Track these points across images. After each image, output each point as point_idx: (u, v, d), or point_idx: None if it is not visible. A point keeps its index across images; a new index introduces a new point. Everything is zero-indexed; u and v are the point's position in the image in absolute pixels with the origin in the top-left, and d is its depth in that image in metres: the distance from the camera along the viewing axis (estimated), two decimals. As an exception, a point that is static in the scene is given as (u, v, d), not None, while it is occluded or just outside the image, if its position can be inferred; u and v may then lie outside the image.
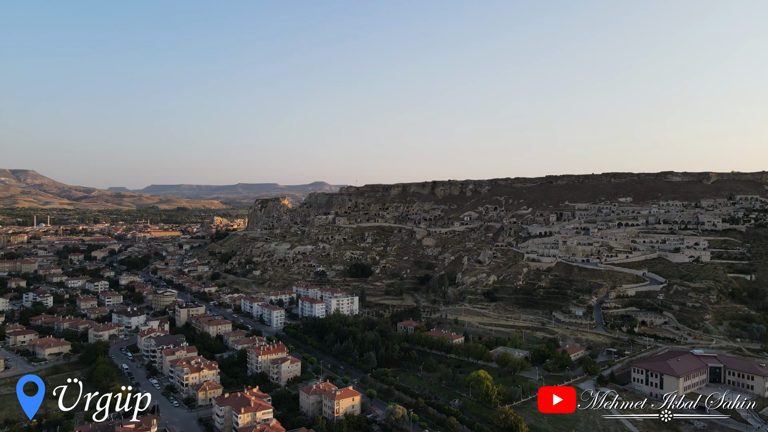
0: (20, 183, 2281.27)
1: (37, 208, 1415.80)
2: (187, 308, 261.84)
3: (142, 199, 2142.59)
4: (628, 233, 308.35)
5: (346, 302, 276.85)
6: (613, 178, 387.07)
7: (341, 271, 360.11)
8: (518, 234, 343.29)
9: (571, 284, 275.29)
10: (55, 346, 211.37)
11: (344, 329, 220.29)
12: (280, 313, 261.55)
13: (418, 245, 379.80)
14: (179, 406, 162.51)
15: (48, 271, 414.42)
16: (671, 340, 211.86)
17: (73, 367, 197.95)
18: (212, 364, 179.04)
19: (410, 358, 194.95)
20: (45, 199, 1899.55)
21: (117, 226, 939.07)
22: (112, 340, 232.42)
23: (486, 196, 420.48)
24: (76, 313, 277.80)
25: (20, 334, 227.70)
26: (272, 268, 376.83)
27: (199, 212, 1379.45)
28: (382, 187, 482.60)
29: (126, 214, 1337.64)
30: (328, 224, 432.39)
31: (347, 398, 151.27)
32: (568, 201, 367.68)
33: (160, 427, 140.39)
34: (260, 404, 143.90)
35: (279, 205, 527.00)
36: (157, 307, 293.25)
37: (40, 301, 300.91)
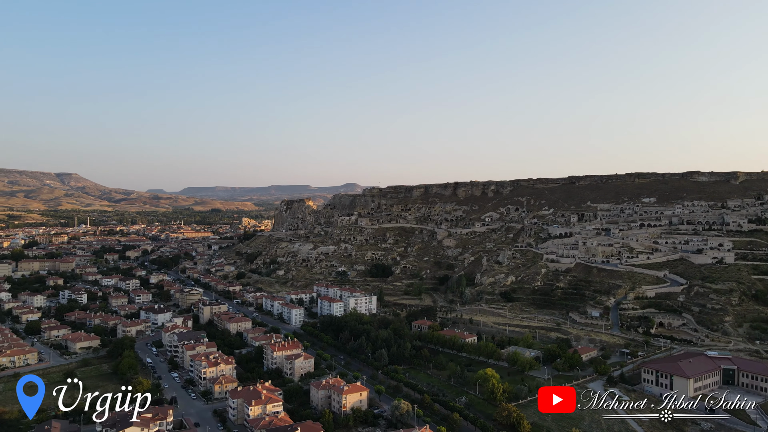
0: (64, 186, 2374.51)
1: (79, 210, 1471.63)
2: (210, 306, 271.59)
3: (178, 200, 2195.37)
4: (650, 234, 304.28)
5: (364, 302, 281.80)
6: (637, 178, 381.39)
7: (362, 271, 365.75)
8: (538, 235, 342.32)
9: (589, 285, 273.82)
10: (85, 340, 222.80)
11: (359, 327, 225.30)
12: (299, 312, 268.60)
13: (438, 246, 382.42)
14: (197, 398, 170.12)
15: (84, 269, 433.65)
16: (688, 342, 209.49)
17: (101, 360, 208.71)
18: (229, 359, 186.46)
19: (421, 356, 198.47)
20: (87, 201, 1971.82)
21: (152, 227, 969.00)
22: (139, 335, 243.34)
23: (508, 196, 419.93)
24: (107, 310, 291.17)
25: (54, 329, 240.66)
26: (295, 268, 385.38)
27: (232, 214, 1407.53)
28: (404, 188, 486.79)
29: (162, 216, 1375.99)
30: (351, 225, 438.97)
31: (354, 393, 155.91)
32: (590, 202, 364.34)
33: (176, 417, 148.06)
34: (271, 397, 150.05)
35: (304, 206, 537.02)
36: (183, 304, 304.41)
37: (74, 298, 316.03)
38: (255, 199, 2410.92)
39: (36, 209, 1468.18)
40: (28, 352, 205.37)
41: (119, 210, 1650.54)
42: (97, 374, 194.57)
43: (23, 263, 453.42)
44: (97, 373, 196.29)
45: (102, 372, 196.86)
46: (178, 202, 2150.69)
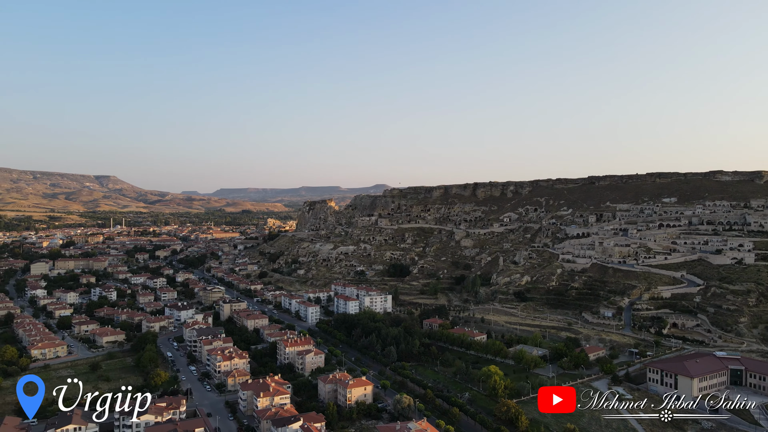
0: (103, 188, 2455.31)
1: (116, 211, 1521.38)
2: (229, 303, 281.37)
3: (210, 202, 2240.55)
4: (668, 234, 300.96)
5: (380, 300, 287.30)
6: (658, 178, 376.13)
7: (380, 270, 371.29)
8: (555, 235, 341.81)
9: (604, 285, 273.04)
10: (111, 335, 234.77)
11: (370, 325, 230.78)
12: (315, 310, 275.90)
13: (456, 246, 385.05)
14: (211, 390, 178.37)
15: (115, 268, 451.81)
16: (699, 343, 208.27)
17: (126, 354, 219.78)
18: (243, 354, 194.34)
19: (429, 354, 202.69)
20: (123, 203, 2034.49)
21: (183, 228, 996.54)
22: (162, 331, 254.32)
23: (527, 197, 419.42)
24: (134, 307, 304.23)
25: (84, 324, 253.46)
26: (315, 268, 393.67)
27: (262, 214, 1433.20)
28: (424, 189, 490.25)
29: (194, 217, 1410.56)
30: (371, 225, 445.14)
31: (359, 387, 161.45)
32: (609, 202, 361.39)
33: (190, 407, 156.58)
34: (279, 390, 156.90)
35: (326, 207, 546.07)
36: (206, 302, 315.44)
37: (105, 295, 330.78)
38: (285, 200, 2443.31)
39: (75, 210, 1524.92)
40: (59, 345, 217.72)
41: (154, 211, 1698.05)
42: (120, 367, 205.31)
43: (59, 262, 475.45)
44: (121, 365, 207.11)
45: (125, 365, 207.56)
46: (210, 203, 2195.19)
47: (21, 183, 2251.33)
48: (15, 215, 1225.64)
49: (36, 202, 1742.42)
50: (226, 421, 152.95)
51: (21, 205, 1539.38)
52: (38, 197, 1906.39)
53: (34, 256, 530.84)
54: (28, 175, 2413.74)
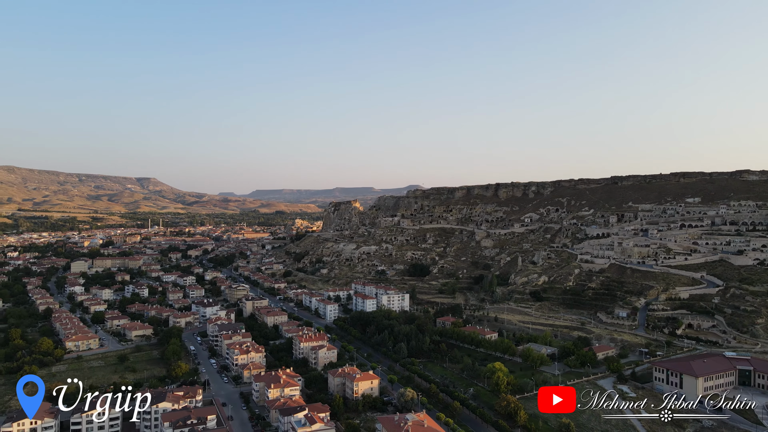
0: (143, 190, 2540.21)
1: (155, 212, 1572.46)
2: (252, 301, 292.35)
3: (245, 203, 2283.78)
4: (690, 234, 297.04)
5: (397, 299, 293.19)
6: (683, 177, 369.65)
7: (401, 270, 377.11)
8: (575, 236, 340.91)
9: (621, 286, 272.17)
10: (140, 329, 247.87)
11: (384, 322, 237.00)
12: (333, 307, 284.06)
13: (476, 246, 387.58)
14: (228, 382, 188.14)
15: (149, 267, 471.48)
16: (713, 343, 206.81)
17: (152, 347, 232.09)
18: (260, 348, 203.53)
19: (439, 351, 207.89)
20: (162, 204, 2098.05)
21: (216, 228, 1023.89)
22: (188, 326, 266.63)
23: (548, 197, 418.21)
24: (164, 303, 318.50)
25: (116, 319, 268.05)
26: (338, 267, 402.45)
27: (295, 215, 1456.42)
28: (447, 190, 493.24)
29: (229, 218, 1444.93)
30: (393, 226, 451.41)
31: (366, 381, 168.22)
32: (632, 202, 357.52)
33: (206, 397, 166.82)
34: (289, 382, 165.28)
35: (350, 207, 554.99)
36: (231, 299, 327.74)
37: (137, 292, 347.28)
38: (318, 201, 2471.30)
39: (117, 212, 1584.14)
40: (91, 338, 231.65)
41: (191, 212, 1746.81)
42: (147, 359, 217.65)
43: (98, 260, 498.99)
44: (147, 358, 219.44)
45: (151, 357, 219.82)
46: (246, 204, 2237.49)
47: (67, 185, 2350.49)
48: (61, 216, 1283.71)
49: (81, 203, 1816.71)
50: (239, 411, 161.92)
51: (67, 207, 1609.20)
52: (83, 199, 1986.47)
53: (75, 255, 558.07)
54: (74, 178, 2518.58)
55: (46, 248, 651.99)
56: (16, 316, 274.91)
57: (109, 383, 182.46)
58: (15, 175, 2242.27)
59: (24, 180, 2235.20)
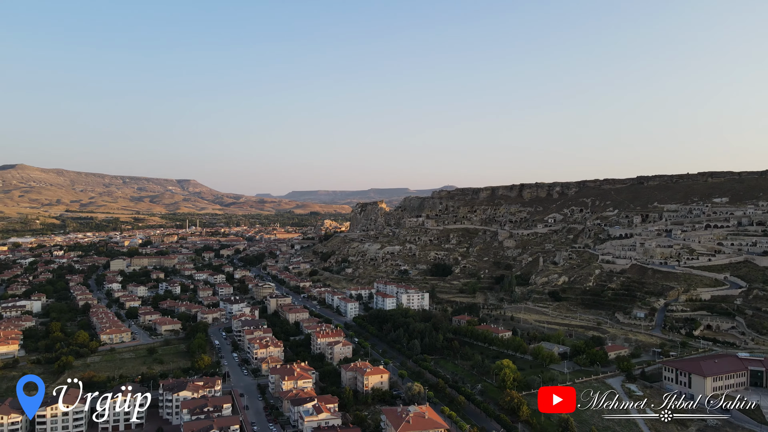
0: (183, 191, 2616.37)
1: (194, 213, 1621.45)
2: (275, 298, 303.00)
3: (281, 204, 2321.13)
4: (714, 235, 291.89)
5: (417, 298, 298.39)
6: (711, 177, 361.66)
7: (423, 270, 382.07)
8: (598, 236, 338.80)
9: (642, 287, 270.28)
10: (169, 324, 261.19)
11: (401, 320, 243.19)
12: (354, 305, 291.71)
13: (499, 246, 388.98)
14: (247, 374, 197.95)
15: (183, 265, 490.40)
16: (731, 345, 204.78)
17: (180, 341, 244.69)
18: (278, 343, 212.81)
19: (452, 348, 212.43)
20: (201, 205, 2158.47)
21: (251, 229, 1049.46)
22: (215, 322, 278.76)
23: (573, 198, 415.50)
24: (195, 300, 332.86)
25: (148, 314, 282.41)
26: (363, 267, 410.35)
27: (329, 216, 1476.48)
28: (471, 191, 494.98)
29: (264, 218, 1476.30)
30: (418, 226, 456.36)
31: (376, 375, 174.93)
32: (657, 202, 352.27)
33: (226, 388, 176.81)
34: (303, 375, 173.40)
35: (377, 208, 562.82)
36: (257, 297, 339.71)
37: (170, 289, 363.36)
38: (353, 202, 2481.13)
39: (158, 213, 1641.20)
40: (124, 332, 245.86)
41: (228, 213, 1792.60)
42: (174, 352, 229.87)
43: (135, 259, 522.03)
44: (175, 351, 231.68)
45: (178, 350, 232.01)
46: (281, 205, 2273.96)
47: (112, 187, 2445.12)
48: (105, 217, 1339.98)
49: (124, 204, 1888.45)
50: (255, 401, 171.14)
51: (111, 208, 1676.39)
52: (126, 200, 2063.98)
53: (114, 254, 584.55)
54: (119, 180, 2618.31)
55: (89, 247, 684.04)
56: (58, 311, 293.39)
57: (138, 373, 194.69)
58: (64, 178, 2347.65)
59: (72, 182, 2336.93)
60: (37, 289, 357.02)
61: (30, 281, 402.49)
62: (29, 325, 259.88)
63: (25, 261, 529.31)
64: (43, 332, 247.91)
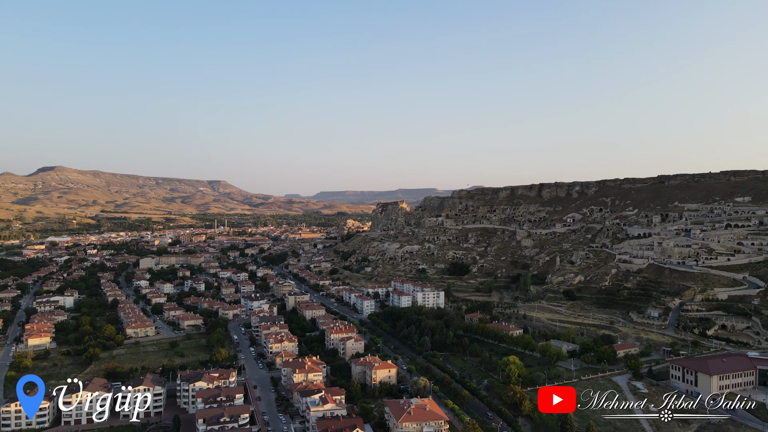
0: (214, 192, 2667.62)
1: (223, 213, 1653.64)
2: (294, 296, 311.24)
3: (309, 204, 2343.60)
4: (735, 235, 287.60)
5: (432, 296, 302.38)
6: (733, 176, 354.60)
7: (441, 269, 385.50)
8: (616, 236, 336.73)
9: (658, 286, 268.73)
10: (191, 319, 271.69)
11: (414, 317, 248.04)
12: (369, 303, 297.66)
13: (516, 246, 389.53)
14: (262, 367, 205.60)
15: (208, 264, 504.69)
16: (744, 345, 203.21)
17: (201, 335, 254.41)
18: (293, 338, 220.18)
19: (461, 344, 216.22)
20: (231, 206, 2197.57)
21: (278, 229, 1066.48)
22: (235, 318, 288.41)
23: (592, 197, 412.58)
24: (218, 297, 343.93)
25: (172, 310, 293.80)
26: (382, 266, 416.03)
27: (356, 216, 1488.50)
28: (491, 190, 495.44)
29: (292, 219, 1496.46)
30: (437, 226, 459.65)
31: (384, 369, 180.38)
32: (678, 201, 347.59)
33: (241, 380, 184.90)
34: (313, 368, 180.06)
35: (397, 208, 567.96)
36: (278, 294, 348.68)
37: (194, 287, 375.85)
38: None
39: (189, 213, 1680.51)
40: (148, 326, 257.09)
41: (256, 213, 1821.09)
42: (194, 346, 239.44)
43: (164, 257, 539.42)
44: (195, 345, 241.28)
45: (199, 344, 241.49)
46: (309, 205, 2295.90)
47: (145, 188, 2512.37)
48: (138, 217, 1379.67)
49: (157, 205, 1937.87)
50: (267, 392, 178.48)
51: (144, 208, 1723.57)
52: (159, 201, 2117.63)
53: (144, 253, 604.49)
54: (152, 181, 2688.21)
55: (121, 246, 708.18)
56: (88, 306, 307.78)
57: (159, 365, 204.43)
58: (100, 179, 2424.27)
59: (107, 183, 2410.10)
60: (70, 286, 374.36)
61: (64, 278, 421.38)
62: (61, 319, 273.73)
63: (61, 259, 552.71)
64: (74, 326, 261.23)
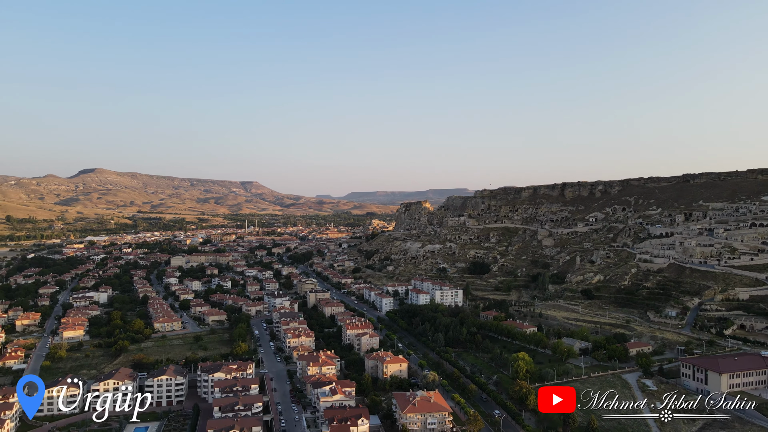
0: (246, 193, 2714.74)
1: (254, 214, 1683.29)
2: (315, 293, 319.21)
3: (339, 205, 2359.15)
4: (759, 234, 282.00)
5: (450, 294, 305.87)
6: (761, 174, 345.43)
7: (462, 268, 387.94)
8: (638, 235, 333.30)
9: (678, 286, 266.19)
10: (216, 315, 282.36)
11: (429, 315, 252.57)
12: (388, 301, 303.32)
13: (538, 245, 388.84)
14: (280, 361, 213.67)
15: (236, 262, 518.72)
16: (761, 344, 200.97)
17: (224, 330, 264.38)
18: (310, 333, 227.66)
19: (474, 341, 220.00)
20: (262, 206, 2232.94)
21: (306, 229, 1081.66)
22: (258, 314, 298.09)
23: (615, 196, 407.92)
24: (243, 294, 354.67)
25: (198, 306, 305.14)
26: (404, 264, 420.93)
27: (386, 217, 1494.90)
28: (513, 190, 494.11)
29: (321, 219, 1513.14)
30: (459, 225, 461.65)
31: (395, 364, 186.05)
32: (702, 200, 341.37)
33: (259, 372, 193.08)
34: (327, 362, 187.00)
35: (420, 208, 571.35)
36: (300, 292, 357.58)
37: (221, 284, 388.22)
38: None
39: (221, 213, 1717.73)
40: (175, 321, 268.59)
41: (287, 214, 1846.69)
42: (218, 340, 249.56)
43: (194, 256, 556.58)
44: (219, 339, 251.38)
45: (222, 339, 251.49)
46: (339, 206, 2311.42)
47: (180, 189, 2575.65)
48: (172, 217, 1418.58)
49: (191, 206, 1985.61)
50: (283, 384, 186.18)
51: (178, 209, 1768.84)
52: (193, 202, 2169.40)
53: (176, 252, 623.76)
54: (187, 182, 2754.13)
55: (154, 245, 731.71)
56: (120, 301, 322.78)
57: (182, 357, 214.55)
58: (137, 181, 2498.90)
59: (144, 185, 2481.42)
60: (105, 282, 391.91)
61: (99, 275, 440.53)
62: (95, 314, 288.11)
63: (98, 257, 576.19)
64: (106, 320, 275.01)
